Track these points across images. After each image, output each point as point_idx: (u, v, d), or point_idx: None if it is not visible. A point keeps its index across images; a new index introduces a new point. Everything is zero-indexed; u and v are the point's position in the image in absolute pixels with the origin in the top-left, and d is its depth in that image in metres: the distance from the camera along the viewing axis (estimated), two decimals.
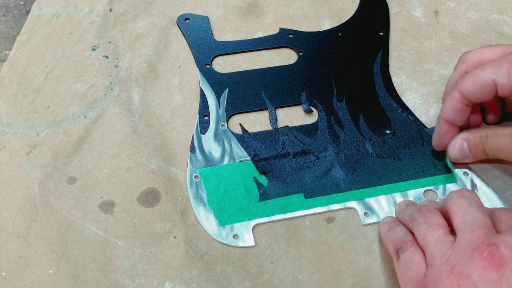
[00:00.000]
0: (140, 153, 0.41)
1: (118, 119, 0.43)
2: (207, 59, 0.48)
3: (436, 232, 0.30)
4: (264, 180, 0.39)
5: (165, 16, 0.52)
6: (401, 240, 0.32)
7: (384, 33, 0.50)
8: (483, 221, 0.29)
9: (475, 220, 0.29)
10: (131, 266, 0.35)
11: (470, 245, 0.28)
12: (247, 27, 0.51)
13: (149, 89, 0.46)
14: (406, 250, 0.31)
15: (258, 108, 0.44)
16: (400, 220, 0.35)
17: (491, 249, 0.27)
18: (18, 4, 0.55)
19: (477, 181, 0.39)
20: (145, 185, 0.39)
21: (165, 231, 0.37)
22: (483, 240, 0.28)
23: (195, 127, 0.43)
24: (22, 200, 0.38)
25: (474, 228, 0.29)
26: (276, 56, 0.49)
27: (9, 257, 0.36)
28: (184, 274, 0.35)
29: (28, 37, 0.50)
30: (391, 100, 0.44)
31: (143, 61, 0.48)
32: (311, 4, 0.53)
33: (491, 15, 0.51)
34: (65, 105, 0.44)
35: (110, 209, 0.38)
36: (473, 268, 0.27)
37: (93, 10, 0.52)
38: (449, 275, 0.28)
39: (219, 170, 0.40)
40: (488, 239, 0.28)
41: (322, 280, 0.35)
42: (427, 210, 0.32)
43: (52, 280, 0.34)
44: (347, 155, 0.40)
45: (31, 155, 0.41)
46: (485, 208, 0.31)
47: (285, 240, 0.36)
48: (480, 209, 0.30)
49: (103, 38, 0.50)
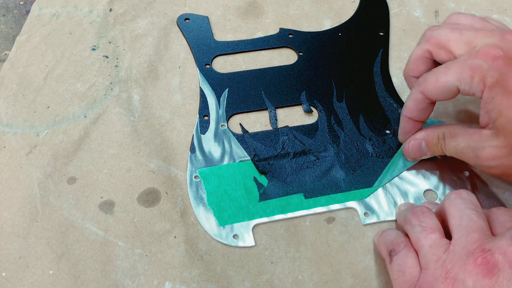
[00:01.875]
0: (140, 153, 0.41)
1: (118, 119, 0.43)
2: (207, 59, 0.48)
3: (430, 235, 0.30)
4: (264, 180, 0.39)
5: (165, 16, 0.52)
6: (394, 242, 0.32)
7: (384, 33, 0.50)
8: (479, 224, 0.29)
9: (470, 223, 0.29)
10: (131, 266, 0.35)
11: (465, 250, 0.28)
12: (247, 27, 0.51)
13: (149, 89, 0.46)
14: (399, 252, 0.31)
15: (258, 108, 0.44)
16: (398, 223, 0.35)
17: (485, 255, 0.27)
18: (18, 4, 0.55)
19: (477, 181, 0.39)
20: (145, 185, 0.39)
21: (165, 231, 0.37)
22: (478, 245, 0.28)
23: (195, 127, 0.43)
24: (22, 200, 0.38)
25: (470, 232, 0.29)
26: (276, 56, 0.49)
27: (9, 257, 0.36)
28: (184, 274, 0.35)
29: (28, 37, 0.50)
30: (391, 100, 0.44)
31: (143, 61, 0.48)
32: (311, 4, 0.53)
33: (491, 15, 0.51)
34: (65, 105, 0.44)
35: (110, 209, 0.38)
36: (468, 274, 0.27)
37: (93, 10, 0.52)
38: (444, 280, 0.28)
39: (219, 170, 0.40)
40: (482, 245, 0.28)
41: (322, 280, 0.35)
42: (421, 211, 0.32)
43: (52, 280, 0.34)
44: (347, 155, 0.40)
45: (31, 155, 0.41)
46: (481, 210, 0.30)
47: (285, 240, 0.36)
48: (477, 212, 0.30)
49: (103, 38, 0.50)
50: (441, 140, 0.36)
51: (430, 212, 0.32)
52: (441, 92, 0.34)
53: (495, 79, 0.32)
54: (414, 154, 0.38)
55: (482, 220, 0.30)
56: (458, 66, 0.33)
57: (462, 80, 0.33)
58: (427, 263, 0.29)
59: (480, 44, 0.33)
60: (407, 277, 0.30)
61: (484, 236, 0.29)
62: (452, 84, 0.34)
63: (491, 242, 0.28)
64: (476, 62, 0.33)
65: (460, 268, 0.28)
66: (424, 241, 0.30)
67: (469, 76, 0.33)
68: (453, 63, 0.34)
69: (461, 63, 0.33)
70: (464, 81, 0.33)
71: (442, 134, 0.36)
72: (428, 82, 0.35)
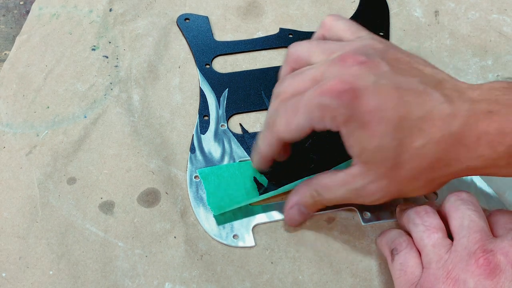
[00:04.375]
0: (140, 153, 0.41)
1: (118, 119, 0.43)
2: (207, 59, 0.48)
3: (433, 235, 0.30)
4: (264, 180, 0.39)
5: (165, 16, 0.52)
6: (395, 241, 0.32)
7: (384, 33, 0.50)
8: (480, 225, 0.29)
9: (471, 224, 0.29)
10: (131, 267, 0.35)
11: (467, 251, 0.28)
12: (247, 27, 0.51)
13: (149, 89, 0.46)
14: (400, 251, 0.31)
15: (258, 108, 0.44)
16: (399, 222, 0.35)
17: (487, 256, 0.27)
18: (18, 4, 0.55)
19: (477, 181, 0.39)
20: (145, 185, 0.39)
21: (165, 231, 0.37)
22: (479, 246, 0.28)
23: (195, 127, 0.43)
24: (22, 200, 0.38)
25: (471, 232, 0.29)
26: (276, 56, 0.49)
27: (9, 257, 0.36)
28: (184, 274, 0.35)
29: (28, 37, 0.50)
30: None
31: (143, 61, 0.48)
32: (311, 4, 0.53)
33: (491, 15, 0.51)
34: (65, 105, 0.44)
35: (110, 210, 0.38)
36: (469, 275, 0.27)
37: (93, 10, 0.52)
38: (445, 280, 0.28)
39: (219, 170, 0.40)
40: (484, 245, 0.28)
41: (322, 280, 0.35)
42: (424, 211, 0.32)
43: (52, 281, 0.34)
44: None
45: (31, 155, 0.41)
46: (482, 212, 0.30)
47: (285, 240, 0.36)
48: (478, 213, 0.30)
49: (103, 38, 0.50)
50: (316, 198, 0.34)
51: (434, 212, 0.32)
52: (296, 134, 0.33)
53: (346, 116, 0.30)
54: (298, 221, 0.36)
55: (483, 221, 0.30)
56: (307, 107, 0.31)
57: (314, 121, 0.31)
58: (429, 262, 0.29)
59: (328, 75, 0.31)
60: (409, 276, 0.30)
61: (485, 236, 0.29)
62: (304, 126, 0.32)
63: (492, 243, 0.28)
64: (323, 101, 0.30)
65: (461, 268, 0.28)
66: (427, 240, 0.30)
67: (319, 117, 0.31)
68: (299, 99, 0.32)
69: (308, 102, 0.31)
70: (316, 121, 0.31)
71: (315, 192, 0.34)
72: (280, 126, 0.33)
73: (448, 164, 0.31)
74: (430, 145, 0.30)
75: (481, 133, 0.29)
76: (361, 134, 0.30)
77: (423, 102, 0.30)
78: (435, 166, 0.31)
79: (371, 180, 0.31)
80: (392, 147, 0.30)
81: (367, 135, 0.30)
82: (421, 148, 0.30)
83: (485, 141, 0.29)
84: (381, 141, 0.30)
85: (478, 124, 0.29)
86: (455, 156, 0.30)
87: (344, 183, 0.32)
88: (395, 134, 0.30)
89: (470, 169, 0.31)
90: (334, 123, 0.31)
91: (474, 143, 0.29)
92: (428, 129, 0.30)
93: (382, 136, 0.30)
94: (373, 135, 0.30)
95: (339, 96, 0.30)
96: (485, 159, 0.30)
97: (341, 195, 0.33)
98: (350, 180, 0.32)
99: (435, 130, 0.30)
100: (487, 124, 0.29)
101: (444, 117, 0.30)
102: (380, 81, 0.30)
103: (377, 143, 0.30)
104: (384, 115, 0.30)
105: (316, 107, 0.31)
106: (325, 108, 0.30)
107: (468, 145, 0.30)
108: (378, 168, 0.31)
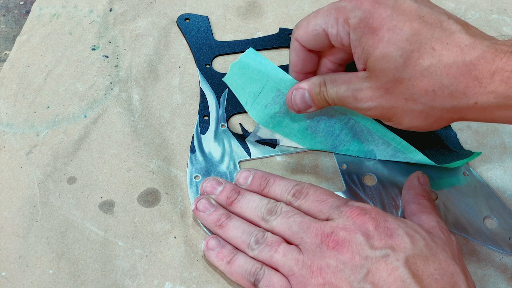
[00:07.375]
0: (140, 153, 0.41)
1: (118, 119, 0.43)
2: (207, 59, 0.48)
3: (279, 247, 0.32)
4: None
5: (165, 16, 0.52)
6: (252, 272, 0.32)
7: None
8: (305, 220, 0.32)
9: (301, 225, 0.32)
10: (131, 266, 0.35)
11: (314, 245, 0.31)
12: (247, 27, 0.51)
13: (149, 89, 0.46)
14: (262, 278, 0.32)
15: None
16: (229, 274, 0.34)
17: (332, 238, 0.30)
18: (18, 4, 0.55)
19: (477, 181, 0.39)
20: (145, 185, 0.39)
21: (165, 231, 0.37)
22: (321, 234, 0.31)
23: (195, 127, 0.43)
24: (22, 200, 0.38)
25: (305, 231, 0.32)
26: (276, 56, 0.49)
27: (9, 257, 0.36)
28: (184, 275, 0.35)
29: (28, 37, 0.50)
30: None
31: (143, 61, 0.48)
32: (311, 4, 0.53)
33: (491, 15, 0.51)
34: (65, 105, 0.44)
35: (110, 209, 0.38)
36: (328, 258, 0.30)
37: (93, 10, 0.52)
38: (312, 274, 0.30)
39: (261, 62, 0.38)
40: (323, 232, 0.31)
41: None
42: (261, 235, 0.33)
43: (52, 280, 0.35)
44: None
45: (31, 155, 0.41)
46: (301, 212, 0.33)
47: None
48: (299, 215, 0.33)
49: (103, 38, 0.50)
50: (322, 86, 0.34)
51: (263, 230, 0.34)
52: (312, 38, 0.34)
53: (358, 19, 0.31)
54: (297, 106, 0.36)
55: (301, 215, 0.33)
56: (326, 10, 0.33)
57: (328, 23, 0.32)
58: (290, 269, 0.31)
59: None
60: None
61: (317, 224, 0.31)
62: (319, 27, 0.33)
63: (327, 226, 0.31)
64: (341, 3, 0.32)
65: (319, 258, 0.30)
66: (276, 254, 0.32)
67: (334, 18, 0.32)
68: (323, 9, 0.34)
69: (329, 8, 0.33)
70: (330, 23, 0.32)
71: (323, 80, 0.34)
72: (300, 27, 0.35)
73: (453, 96, 0.29)
74: (438, 67, 0.29)
75: (497, 68, 0.28)
76: (369, 40, 0.30)
77: (443, 28, 0.29)
78: (438, 92, 0.30)
79: (370, 86, 0.32)
80: (397, 57, 0.30)
81: (374, 40, 0.30)
82: (427, 67, 0.29)
83: (499, 77, 0.28)
84: (387, 49, 0.30)
85: (495, 60, 0.28)
86: (462, 89, 0.29)
87: (348, 81, 0.33)
88: (403, 45, 0.29)
89: (477, 108, 0.29)
90: (345, 27, 0.32)
91: (487, 78, 0.28)
92: (441, 51, 0.29)
93: (389, 44, 0.30)
94: (380, 41, 0.30)
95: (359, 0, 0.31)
96: (496, 95, 0.28)
97: (342, 93, 0.33)
98: (353, 80, 0.33)
99: (448, 54, 0.29)
100: (505, 62, 0.28)
101: (462, 46, 0.29)
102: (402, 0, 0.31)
103: (383, 50, 0.30)
104: (397, 24, 0.30)
105: (334, 9, 0.32)
106: (341, 10, 0.32)
107: (480, 79, 0.28)
108: (379, 76, 0.31)
